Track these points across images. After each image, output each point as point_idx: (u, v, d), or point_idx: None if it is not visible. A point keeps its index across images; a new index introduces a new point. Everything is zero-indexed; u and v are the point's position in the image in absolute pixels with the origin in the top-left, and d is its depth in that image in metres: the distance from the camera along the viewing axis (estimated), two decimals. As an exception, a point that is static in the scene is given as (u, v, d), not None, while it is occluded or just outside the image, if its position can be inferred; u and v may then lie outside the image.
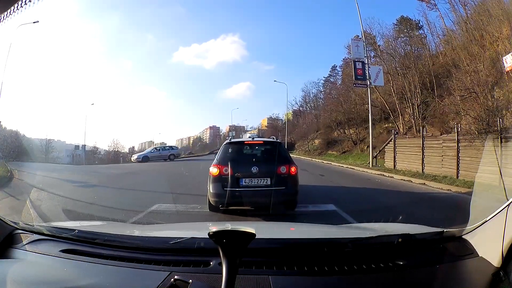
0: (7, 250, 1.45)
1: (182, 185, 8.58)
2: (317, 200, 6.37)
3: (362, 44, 16.64)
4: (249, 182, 4.70)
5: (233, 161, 4.74)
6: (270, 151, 5.35)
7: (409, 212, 4.96)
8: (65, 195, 6.83)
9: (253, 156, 5.55)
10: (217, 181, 4.67)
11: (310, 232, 2.00)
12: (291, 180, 4.80)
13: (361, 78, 16.05)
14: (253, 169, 4.68)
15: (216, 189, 4.64)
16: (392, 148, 13.40)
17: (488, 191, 1.77)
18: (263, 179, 4.72)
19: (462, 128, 9.80)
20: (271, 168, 4.74)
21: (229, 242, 0.84)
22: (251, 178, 4.70)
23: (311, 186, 8.10)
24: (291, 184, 4.77)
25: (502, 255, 1.06)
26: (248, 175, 4.69)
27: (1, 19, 1.16)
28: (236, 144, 5.35)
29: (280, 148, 5.21)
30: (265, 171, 4.72)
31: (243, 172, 4.70)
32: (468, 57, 14.99)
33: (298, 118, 40.62)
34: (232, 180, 4.59)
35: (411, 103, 18.49)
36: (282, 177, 4.74)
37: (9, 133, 20.63)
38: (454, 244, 1.31)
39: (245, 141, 5.73)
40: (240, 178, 4.69)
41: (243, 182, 4.69)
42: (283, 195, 4.66)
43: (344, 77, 30.43)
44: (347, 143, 24.03)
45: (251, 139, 5.64)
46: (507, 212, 1.09)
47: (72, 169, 17.95)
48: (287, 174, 4.79)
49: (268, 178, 4.72)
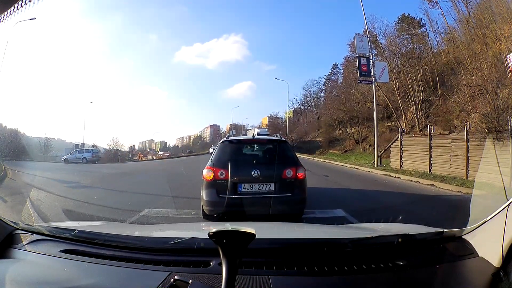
0: (7, 250, 1.46)
1: (177, 187, 8.17)
2: (324, 205, 5.92)
3: (367, 39, 16.09)
4: (248, 188, 4.08)
5: (230, 163, 4.11)
6: (273, 151, 4.62)
7: (430, 218, 4.60)
8: (54, 196, 6.72)
9: (254, 157, 4.94)
10: (212, 186, 4.09)
11: (310, 232, 2.01)
12: (298, 186, 4.17)
13: (365, 74, 15.69)
14: (254, 173, 4.06)
15: (210, 197, 4.06)
16: (398, 147, 13.08)
17: (488, 191, 1.77)
18: (265, 185, 4.10)
19: (471, 127, 9.54)
20: (274, 171, 4.13)
21: (229, 242, 0.85)
22: (251, 183, 4.08)
23: (316, 188, 7.66)
24: (298, 191, 4.15)
25: (502, 255, 1.07)
26: (247, 180, 4.07)
27: (1, 19, 1.18)
28: (234, 143, 4.69)
29: (285, 148, 4.60)
30: (267, 175, 4.09)
31: (242, 176, 4.09)
32: (472, 56, 14.95)
33: (299, 116, 40.64)
34: (229, 186, 4.01)
35: (414, 101, 18.46)
36: (288, 182, 4.14)
37: (9, 132, 20.68)
38: (454, 244, 1.31)
39: (244, 139, 5.29)
40: (238, 183, 4.08)
41: (242, 188, 4.08)
42: (288, 204, 4.07)
43: (345, 75, 30.42)
44: (349, 142, 24.03)
45: (252, 137, 5.24)
46: (507, 212, 1.10)
47: (67, 168, 17.91)
48: (294, 179, 4.16)
49: (271, 184, 4.10)
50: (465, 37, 16.86)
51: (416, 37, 21.26)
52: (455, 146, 9.98)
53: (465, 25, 16.91)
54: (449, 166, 10.12)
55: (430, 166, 10.97)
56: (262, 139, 5.46)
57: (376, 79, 15.58)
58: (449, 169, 10.03)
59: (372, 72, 15.38)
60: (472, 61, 14.38)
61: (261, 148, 5.20)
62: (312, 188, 7.28)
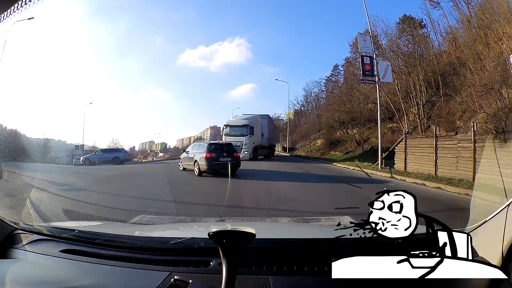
0: (7, 250, 1.47)
1: (173, 190, 7.88)
2: (331, 210, 5.63)
3: (369, 38, 15.79)
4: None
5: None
6: (230, 145, 12.46)
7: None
8: (46, 199, 6.45)
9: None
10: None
11: (310, 232, 2.02)
12: (237, 158, 11.76)
13: (369, 74, 15.33)
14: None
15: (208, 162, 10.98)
16: (403, 148, 12.86)
17: (488, 191, 1.77)
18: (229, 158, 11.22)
19: (477, 127, 9.35)
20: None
21: (229, 242, 0.86)
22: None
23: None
24: (237, 160, 11.72)
25: (502, 255, 1.08)
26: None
27: (1, 19, 1.19)
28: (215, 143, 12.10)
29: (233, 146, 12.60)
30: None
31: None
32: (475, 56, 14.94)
33: (300, 118, 40.65)
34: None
35: (416, 102, 18.44)
36: (235, 157, 11.62)
37: (9, 132, 20.68)
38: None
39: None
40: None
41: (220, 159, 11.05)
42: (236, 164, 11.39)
43: (346, 76, 30.46)
44: (351, 144, 23.97)
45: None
46: (507, 212, 1.11)
47: (65, 169, 17.77)
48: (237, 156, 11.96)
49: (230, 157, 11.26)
50: (467, 37, 16.85)
51: (417, 37, 21.27)
52: (462, 147, 9.69)
53: (467, 25, 16.93)
54: (455, 168, 9.84)
55: (435, 168, 10.77)
56: (224, 142, 12.73)
57: (380, 79, 15.30)
58: (455, 171, 9.77)
59: (375, 72, 15.12)
60: (475, 61, 14.37)
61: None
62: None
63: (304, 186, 9.20)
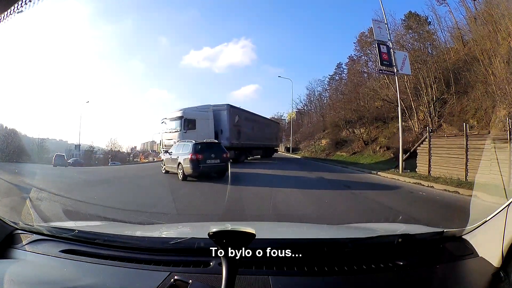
0: (7, 250, 1.52)
1: (161, 198, 7.17)
2: None
3: (385, 26, 14.63)
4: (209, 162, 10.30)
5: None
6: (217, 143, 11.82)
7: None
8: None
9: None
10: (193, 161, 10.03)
11: (310, 232, 2.06)
12: (226, 159, 10.92)
13: (387, 63, 14.05)
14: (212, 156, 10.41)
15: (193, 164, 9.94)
16: (427, 149, 11.67)
17: (488, 191, 1.80)
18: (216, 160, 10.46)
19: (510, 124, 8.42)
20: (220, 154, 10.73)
21: (229, 242, 0.89)
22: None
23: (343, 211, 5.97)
24: (226, 161, 10.86)
25: (502, 255, 1.11)
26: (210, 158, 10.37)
27: (1, 19, 1.25)
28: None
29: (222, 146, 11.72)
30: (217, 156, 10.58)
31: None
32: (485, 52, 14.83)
33: (303, 117, 40.55)
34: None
35: (426, 100, 18.31)
36: (224, 157, 10.75)
37: (9, 132, 20.71)
38: (454, 244, 1.36)
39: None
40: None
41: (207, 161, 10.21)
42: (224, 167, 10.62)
43: (350, 74, 30.45)
44: (357, 144, 23.73)
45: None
46: (507, 212, 1.14)
47: (52, 172, 16.37)
48: (227, 157, 11.10)
49: (218, 159, 10.48)
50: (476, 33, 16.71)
51: (423, 34, 21.14)
52: (498, 148, 8.62)
53: (473, 22, 16.81)
54: (488, 172, 8.10)
55: (466, 172, 9.62)
56: (212, 142, 11.87)
57: (398, 70, 14.18)
58: (488, 175, 8.12)
59: (393, 62, 14.00)
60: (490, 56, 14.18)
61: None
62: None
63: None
